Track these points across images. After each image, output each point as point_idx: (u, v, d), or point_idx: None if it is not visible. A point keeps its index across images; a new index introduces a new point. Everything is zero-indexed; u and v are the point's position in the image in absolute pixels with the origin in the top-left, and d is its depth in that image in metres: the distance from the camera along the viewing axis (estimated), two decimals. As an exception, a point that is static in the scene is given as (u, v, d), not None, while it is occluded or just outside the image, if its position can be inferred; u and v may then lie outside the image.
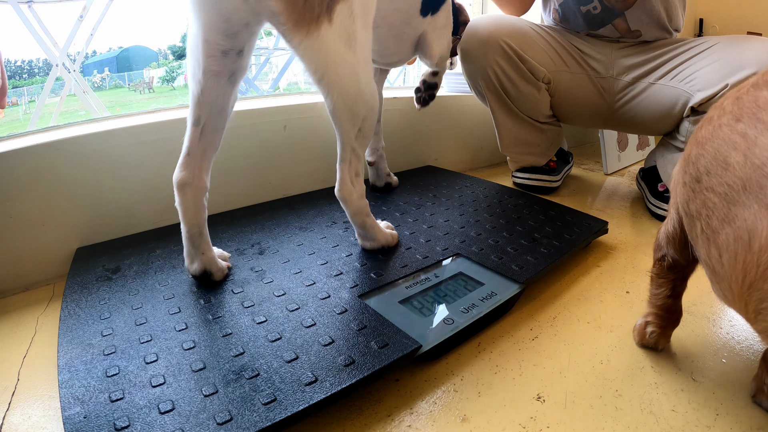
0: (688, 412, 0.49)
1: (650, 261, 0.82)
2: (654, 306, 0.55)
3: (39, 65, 19.19)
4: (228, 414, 0.43)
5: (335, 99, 0.57)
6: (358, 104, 0.59)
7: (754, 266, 0.31)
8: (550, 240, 0.79)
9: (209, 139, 0.62)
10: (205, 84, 0.58)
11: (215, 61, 0.57)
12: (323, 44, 0.53)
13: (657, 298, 0.54)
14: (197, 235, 0.63)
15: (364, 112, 0.60)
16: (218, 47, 0.57)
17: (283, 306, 0.60)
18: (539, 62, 1.08)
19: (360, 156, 0.65)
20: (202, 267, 0.64)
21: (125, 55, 26.29)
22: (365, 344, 0.52)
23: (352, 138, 0.62)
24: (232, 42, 0.57)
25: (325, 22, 0.52)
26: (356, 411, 0.49)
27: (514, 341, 0.60)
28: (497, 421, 0.48)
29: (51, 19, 2.70)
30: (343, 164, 0.65)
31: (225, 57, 0.58)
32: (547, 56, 1.09)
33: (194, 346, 0.52)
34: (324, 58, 0.54)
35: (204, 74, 0.58)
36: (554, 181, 1.20)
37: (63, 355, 0.51)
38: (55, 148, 0.73)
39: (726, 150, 0.34)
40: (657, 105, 1.01)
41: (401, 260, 0.72)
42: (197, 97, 0.59)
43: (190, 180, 0.61)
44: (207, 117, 0.60)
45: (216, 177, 0.90)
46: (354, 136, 0.62)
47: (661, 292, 0.53)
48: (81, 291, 0.64)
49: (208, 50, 0.57)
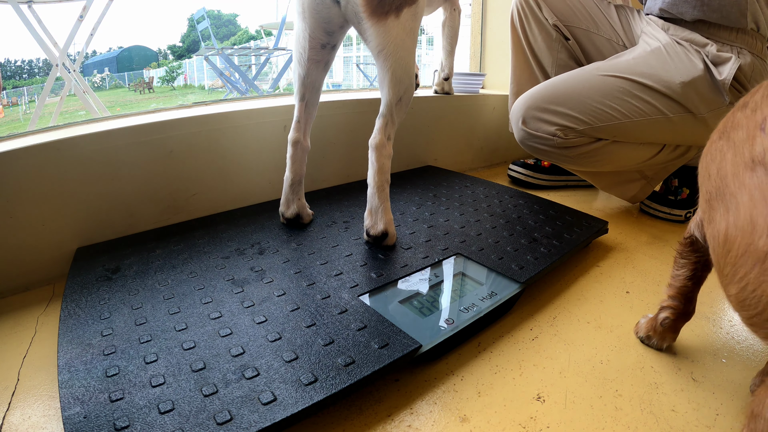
0: (688, 412, 0.49)
1: (650, 261, 0.82)
2: (673, 289, 0.56)
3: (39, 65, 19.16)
4: (228, 414, 0.43)
5: (390, 67, 0.70)
6: (404, 76, 0.71)
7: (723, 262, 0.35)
8: (550, 240, 0.79)
9: (309, 111, 0.81)
10: (308, 69, 0.77)
11: (316, 53, 0.76)
12: (389, 29, 0.68)
13: (677, 279, 0.55)
14: (298, 183, 0.82)
15: (407, 83, 0.72)
16: (319, 42, 0.75)
17: (283, 306, 0.60)
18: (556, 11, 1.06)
19: (395, 123, 0.74)
20: (296, 211, 0.83)
21: (125, 55, 26.32)
22: (365, 344, 0.52)
23: (394, 102, 0.72)
24: (329, 38, 0.75)
25: (392, 16, 0.67)
26: (356, 411, 0.49)
27: (514, 341, 0.60)
28: (497, 421, 0.48)
29: (51, 19, 2.70)
30: (382, 119, 0.73)
31: (323, 49, 0.76)
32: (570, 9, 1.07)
33: (194, 346, 0.52)
34: (387, 38, 0.68)
35: (308, 61, 0.76)
36: (543, 179, 1.20)
37: (63, 355, 0.51)
38: (55, 148, 0.73)
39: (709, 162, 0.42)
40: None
41: (401, 260, 0.72)
42: (302, 79, 0.78)
43: (300, 139, 0.80)
44: (309, 94, 0.79)
45: (215, 178, 0.91)
46: (396, 102, 0.72)
47: (682, 273, 0.55)
48: (81, 291, 0.64)
49: (312, 44, 0.75)
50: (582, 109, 0.90)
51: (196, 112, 0.90)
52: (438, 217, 0.88)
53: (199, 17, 4.53)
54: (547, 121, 0.92)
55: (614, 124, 0.89)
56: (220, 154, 0.90)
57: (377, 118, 0.74)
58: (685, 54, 0.88)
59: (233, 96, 4.49)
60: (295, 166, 0.81)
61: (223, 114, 0.89)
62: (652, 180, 1.01)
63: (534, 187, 1.24)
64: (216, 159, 0.89)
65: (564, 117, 0.91)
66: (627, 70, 0.90)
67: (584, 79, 0.93)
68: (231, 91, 4.51)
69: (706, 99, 0.86)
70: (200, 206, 0.89)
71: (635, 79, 0.88)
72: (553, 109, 0.92)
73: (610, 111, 0.89)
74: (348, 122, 1.08)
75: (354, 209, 0.91)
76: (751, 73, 0.85)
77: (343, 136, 1.07)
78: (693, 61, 0.87)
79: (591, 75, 0.93)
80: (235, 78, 4.45)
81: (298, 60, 0.77)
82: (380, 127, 0.73)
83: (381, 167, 0.74)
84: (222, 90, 9.72)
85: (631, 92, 0.88)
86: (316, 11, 0.72)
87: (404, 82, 0.72)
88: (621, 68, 0.90)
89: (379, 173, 0.74)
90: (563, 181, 1.25)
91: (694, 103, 0.86)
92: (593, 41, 1.08)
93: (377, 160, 0.73)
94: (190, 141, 0.86)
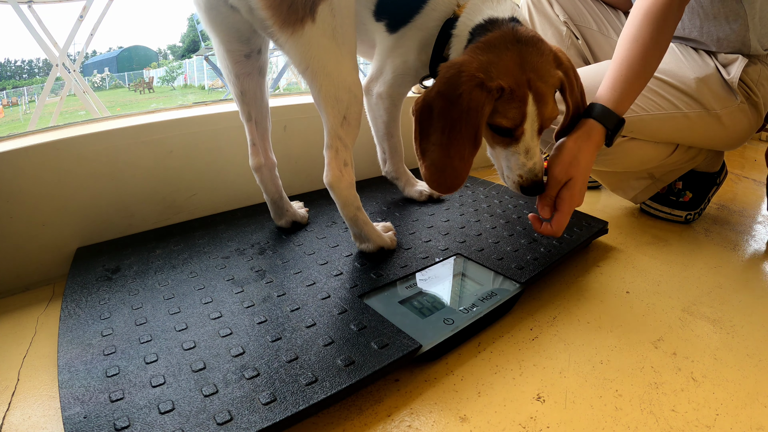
0: (688, 412, 0.49)
1: (650, 261, 0.82)
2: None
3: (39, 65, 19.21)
4: (228, 414, 0.43)
5: (320, 85, 0.61)
6: (341, 90, 0.61)
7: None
8: (549, 240, 0.79)
9: (263, 126, 0.76)
10: (242, 85, 0.71)
11: (242, 66, 0.69)
12: (309, 40, 0.58)
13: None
14: (279, 199, 0.81)
15: (347, 98, 0.62)
16: (241, 53, 0.68)
17: (283, 306, 0.60)
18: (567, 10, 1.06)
19: (348, 146, 0.65)
20: (289, 220, 0.82)
21: (125, 55, 26.35)
22: (365, 344, 0.52)
23: (338, 125, 0.63)
24: (249, 46, 0.68)
25: (309, 22, 0.57)
26: (356, 411, 0.49)
27: (514, 341, 0.60)
28: (497, 421, 0.48)
29: (51, 19, 2.70)
30: (329, 151, 0.65)
31: (249, 59, 0.69)
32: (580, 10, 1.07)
33: (194, 346, 0.52)
34: (308, 51, 0.59)
35: (237, 78, 0.70)
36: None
37: (63, 355, 0.51)
38: (55, 148, 0.73)
39: None
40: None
41: (401, 260, 0.72)
42: (240, 98, 0.72)
43: (262, 162, 0.77)
44: (254, 110, 0.74)
45: (215, 178, 0.90)
46: (339, 123, 0.63)
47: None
48: (81, 291, 0.64)
49: (234, 57, 0.68)
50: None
51: (196, 112, 0.90)
52: (438, 218, 0.88)
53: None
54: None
55: (632, 118, 0.87)
56: (220, 154, 0.90)
57: (324, 150, 0.65)
58: (697, 53, 0.88)
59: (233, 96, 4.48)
60: (268, 188, 0.79)
61: (223, 114, 0.89)
62: (658, 181, 1.01)
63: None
64: (216, 159, 0.89)
65: None
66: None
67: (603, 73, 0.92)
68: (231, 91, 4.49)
69: (719, 96, 0.86)
70: (200, 206, 0.89)
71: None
72: None
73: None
74: (348, 122, 1.08)
75: (354, 209, 0.91)
76: (758, 78, 0.85)
77: (343, 136, 1.07)
78: (705, 60, 0.87)
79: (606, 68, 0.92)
80: (235, 78, 4.43)
81: (228, 79, 0.71)
82: (329, 160, 0.65)
83: (344, 202, 0.68)
84: (222, 90, 9.72)
85: (649, 87, 0.86)
86: (218, 23, 0.65)
87: (342, 99, 0.62)
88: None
89: (344, 208, 0.68)
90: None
91: (707, 99, 0.86)
92: (602, 42, 1.08)
93: (338, 197, 0.67)
94: (190, 141, 0.86)
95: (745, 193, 1.23)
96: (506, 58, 0.62)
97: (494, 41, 0.63)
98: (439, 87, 0.63)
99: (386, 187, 1.02)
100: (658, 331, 0.62)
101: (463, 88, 0.61)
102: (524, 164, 0.66)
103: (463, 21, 0.68)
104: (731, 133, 0.89)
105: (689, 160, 0.96)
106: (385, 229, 0.77)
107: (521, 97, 0.62)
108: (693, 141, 0.93)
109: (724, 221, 1.01)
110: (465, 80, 0.61)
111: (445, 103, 0.63)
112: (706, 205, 1.02)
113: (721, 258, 0.84)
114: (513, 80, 0.61)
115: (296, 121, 0.99)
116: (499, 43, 0.63)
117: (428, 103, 0.64)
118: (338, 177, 0.65)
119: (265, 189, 0.79)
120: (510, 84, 0.61)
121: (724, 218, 1.03)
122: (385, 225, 0.78)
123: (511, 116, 0.62)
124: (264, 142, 0.77)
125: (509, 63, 0.62)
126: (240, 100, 0.72)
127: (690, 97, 0.86)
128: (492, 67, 0.62)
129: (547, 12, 1.11)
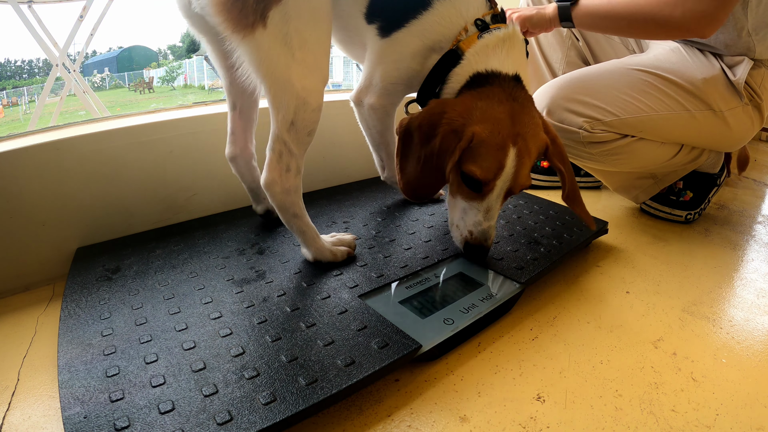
0: (688, 412, 0.49)
1: (650, 261, 0.82)
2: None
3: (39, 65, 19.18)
4: (228, 414, 0.43)
5: (267, 88, 0.60)
6: (288, 95, 0.60)
7: None
8: (550, 240, 0.79)
9: (246, 116, 0.77)
10: (227, 77, 0.72)
11: (226, 59, 0.68)
12: (258, 45, 0.58)
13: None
14: (256, 188, 0.82)
15: (294, 104, 0.61)
16: (221, 49, 0.67)
17: (283, 306, 0.60)
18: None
19: (294, 153, 0.63)
20: (265, 208, 0.84)
21: (125, 55, 26.34)
22: (365, 344, 0.52)
23: (284, 130, 0.62)
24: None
25: (260, 27, 0.57)
26: (356, 411, 0.49)
27: (514, 341, 0.60)
28: (497, 421, 0.48)
29: (51, 19, 2.70)
30: (272, 153, 0.63)
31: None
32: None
33: (194, 346, 0.52)
34: (258, 55, 0.58)
35: (223, 69, 0.71)
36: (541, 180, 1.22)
37: (63, 355, 0.51)
38: (55, 148, 0.73)
39: None
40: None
41: (401, 260, 0.72)
42: (227, 87, 0.74)
43: (237, 153, 0.78)
44: (240, 101, 0.75)
45: (215, 178, 0.90)
46: (286, 129, 0.62)
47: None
48: (81, 291, 0.64)
49: (217, 53, 0.70)
50: (610, 100, 0.88)
51: (196, 112, 0.90)
52: (438, 218, 0.88)
53: (199, 17, 4.52)
54: (576, 111, 0.89)
55: (641, 117, 0.88)
56: (220, 154, 0.90)
57: (266, 150, 0.64)
58: (702, 54, 0.88)
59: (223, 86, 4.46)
60: (244, 178, 0.81)
61: (222, 114, 0.89)
62: (660, 182, 1.01)
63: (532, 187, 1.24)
64: (216, 159, 0.89)
65: (592, 108, 0.88)
66: (652, 66, 0.89)
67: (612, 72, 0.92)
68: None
69: (724, 97, 0.86)
70: (200, 206, 0.89)
71: (660, 73, 0.88)
72: (582, 99, 0.89)
73: (637, 103, 0.88)
74: (348, 122, 1.08)
75: (354, 209, 0.91)
76: (762, 81, 0.86)
77: (343, 137, 1.07)
78: (711, 61, 0.87)
79: (618, 68, 0.92)
80: (235, 78, 4.43)
81: (216, 68, 0.73)
82: (269, 161, 0.63)
83: (280, 206, 0.65)
84: (222, 90, 9.70)
85: (657, 86, 0.87)
86: (195, 26, 0.67)
87: (290, 105, 0.60)
88: (646, 63, 0.90)
89: (280, 212, 0.66)
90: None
91: (714, 99, 0.86)
92: (602, 44, 1.08)
93: (273, 200, 0.65)
94: (190, 141, 0.86)
95: (745, 193, 1.23)
96: (498, 110, 0.63)
97: (491, 93, 0.65)
98: (421, 121, 0.66)
99: (387, 188, 1.02)
100: (658, 331, 0.62)
101: (439, 130, 0.64)
102: (480, 223, 0.66)
103: (467, 63, 0.68)
104: (735, 133, 0.90)
105: (692, 160, 0.96)
106: (340, 242, 0.73)
107: (502, 146, 0.62)
108: (698, 141, 0.94)
109: (724, 221, 1.01)
110: (444, 123, 0.63)
111: (422, 138, 0.66)
112: (706, 206, 1.02)
113: (721, 258, 0.84)
114: (497, 130, 0.62)
115: (296, 121, 0.98)
116: (495, 95, 0.65)
117: (410, 131, 0.67)
118: (274, 180, 0.63)
119: (241, 178, 0.81)
120: (491, 131, 0.62)
121: (724, 218, 1.03)
122: (341, 238, 0.74)
123: (486, 166, 0.63)
124: (245, 134, 0.78)
125: (500, 114, 0.63)
126: (226, 90, 0.75)
127: (697, 98, 0.87)
128: (479, 112, 0.63)
129: None
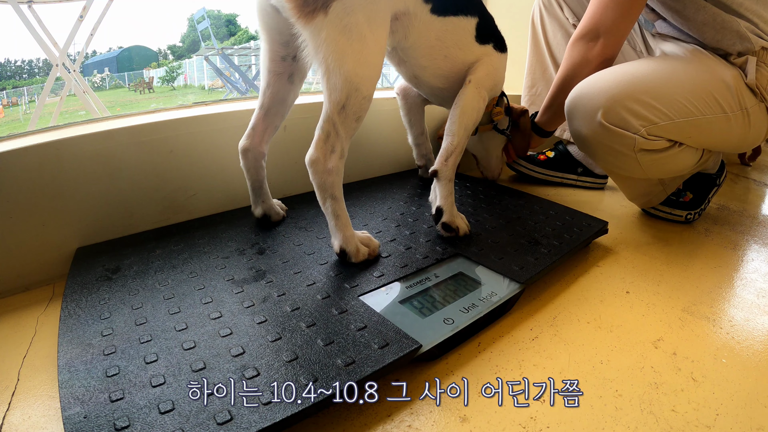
0: (688, 412, 0.49)
1: (650, 261, 0.82)
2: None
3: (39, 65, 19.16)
4: (228, 414, 0.43)
5: (324, 71, 0.64)
6: (342, 80, 0.64)
7: None
8: (550, 240, 0.79)
9: (270, 120, 0.80)
10: (269, 80, 0.77)
11: (276, 65, 0.75)
12: (319, 31, 0.63)
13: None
14: (258, 188, 0.83)
15: (347, 88, 0.64)
16: (278, 54, 0.74)
17: (283, 306, 0.60)
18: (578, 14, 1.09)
19: (341, 135, 0.66)
20: (262, 211, 0.84)
21: (125, 55, 26.31)
22: (365, 344, 0.52)
23: (335, 111, 0.65)
24: (286, 49, 0.74)
25: (320, 15, 0.62)
26: (356, 411, 0.49)
27: (514, 341, 0.60)
28: (497, 421, 0.48)
29: (51, 19, 2.70)
30: (320, 132, 0.66)
31: (284, 61, 0.75)
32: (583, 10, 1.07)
33: (194, 346, 0.52)
34: (318, 40, 0.63)
35: (269, 73, 0.76)
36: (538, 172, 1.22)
37: (63, 355, 0.51)
38: (55, 148, 0.73)
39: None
40: None
41: (401, 260, 0.72)
42: (263, 89, 0.78)
43: (251, 147, 0.80)
44: (270, 104, 0.78)
45: (215, 178, 0.90)
46: (337, 111, 0.65)
47: None
48: (81, 291, 0.64)
49: (271, 56, 0.75)
50: (666, 101, 0.82)
51: (196, 112, 0.90)
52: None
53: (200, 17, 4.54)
54: (636, 114, 0.81)
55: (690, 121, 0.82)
56: (220, 154, 0.90)
57: (316, 129, 0.67)
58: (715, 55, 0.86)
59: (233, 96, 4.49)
60: (250, 174, 0.81)
61: (222, 114, 0.89)
62: (668, 187, 0.99)
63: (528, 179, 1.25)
64: (216, 159, 0.89)
65: (651, 110, 0.81)
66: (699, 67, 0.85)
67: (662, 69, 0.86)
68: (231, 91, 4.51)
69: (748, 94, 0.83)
70: (200, 206, 0.89)
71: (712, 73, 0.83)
72: (645, 100, 0.81)
73: (688, 105, 0.82)
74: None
75: (354, 209, 0.91)
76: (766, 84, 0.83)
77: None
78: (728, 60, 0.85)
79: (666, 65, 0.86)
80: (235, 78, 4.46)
81: (262, 71, 0.77)
82: (316, 140, 0.66)
83: (320, 184, 0.67)
84: (222, 90, 9.72)
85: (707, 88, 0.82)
86: (264, 21, 0.72)
87: (343, 89, 0.64)
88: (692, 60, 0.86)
89: (318, 190, 0.68)
90: (558, 178, 1.25)
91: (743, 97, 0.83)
92: None
93: (314, 177, 0.67)
94: (190, 141, 0.86)
95: (745, 193, 1.23)
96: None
97: None
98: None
99: (386, 188, 1.02)
100: (658, 331, 0.62)
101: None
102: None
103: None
104: (754, 132, 0.87)
105: (702, 164, 0.94)
106: (368, 241, 0.73)
107: None
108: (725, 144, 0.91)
109: (724, 221, 1.01)
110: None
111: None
112: (706, 206, 1.02)
113: (721, 258, 0.84)
114: None
115: (297, 122, 0.99)
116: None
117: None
118: (318, 159, 0.66)
119: (247, 173, 0.81)
120: None
121: (724, 218, 1.03)
122: (371, 239, 0.73)
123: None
124: (264, 134, 0.80)
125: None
126: (262, 90, 0.78)
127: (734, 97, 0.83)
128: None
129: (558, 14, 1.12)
